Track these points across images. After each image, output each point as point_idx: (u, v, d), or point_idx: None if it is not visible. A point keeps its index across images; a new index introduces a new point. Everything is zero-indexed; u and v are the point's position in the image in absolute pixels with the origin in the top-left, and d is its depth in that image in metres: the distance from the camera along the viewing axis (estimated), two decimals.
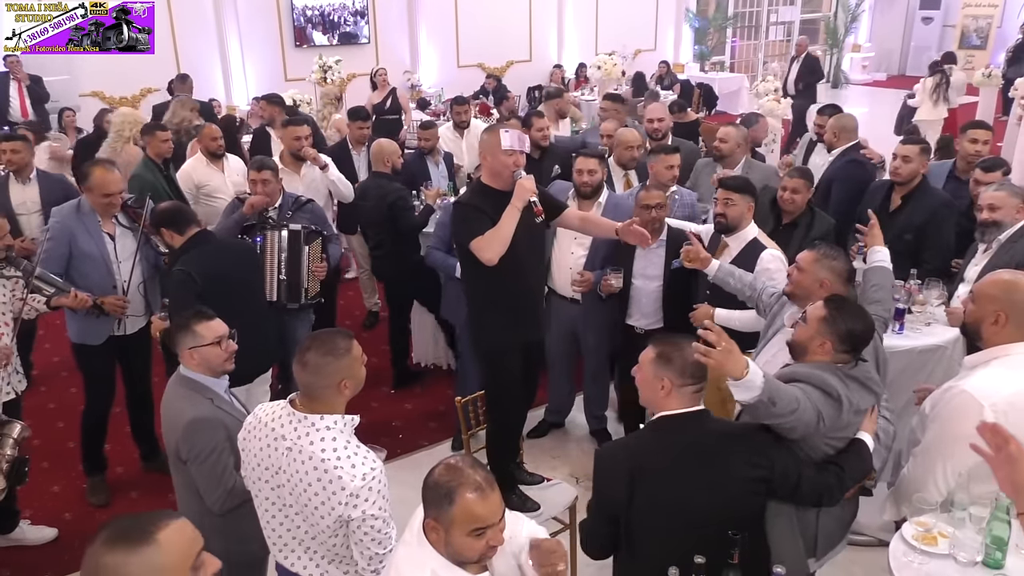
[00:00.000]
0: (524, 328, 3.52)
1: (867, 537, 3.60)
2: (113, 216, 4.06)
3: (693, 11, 15.89)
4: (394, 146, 5.35)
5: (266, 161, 4.60)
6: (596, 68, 11.54)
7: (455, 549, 1.92)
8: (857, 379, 2.56)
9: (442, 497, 1.91)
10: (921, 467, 2.63)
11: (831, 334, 2.55)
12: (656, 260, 4.12)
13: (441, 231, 4.65)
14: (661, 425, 2.40)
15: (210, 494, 2.74)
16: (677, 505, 2.32)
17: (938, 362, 3.76)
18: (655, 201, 4.03)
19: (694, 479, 2.33)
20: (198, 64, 10.76)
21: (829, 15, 18.14)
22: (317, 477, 2.22)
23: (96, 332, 4.07)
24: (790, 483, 2.41)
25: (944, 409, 2.58)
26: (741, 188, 3.83)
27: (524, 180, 3.30)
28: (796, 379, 2.50)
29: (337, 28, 12.03)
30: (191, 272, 3.61)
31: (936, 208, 4.37)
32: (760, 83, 10.41)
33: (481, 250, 3.25)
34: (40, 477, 4.44)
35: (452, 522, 1.90)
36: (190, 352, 2.81)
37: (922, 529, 2.46)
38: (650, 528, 2.35)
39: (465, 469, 1.94)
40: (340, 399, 2.32)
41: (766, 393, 2.28)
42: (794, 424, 2.38)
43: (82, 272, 3.94)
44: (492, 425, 3.68)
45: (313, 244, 4.47)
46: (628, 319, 4.24)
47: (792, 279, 3.10)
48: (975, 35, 17.08)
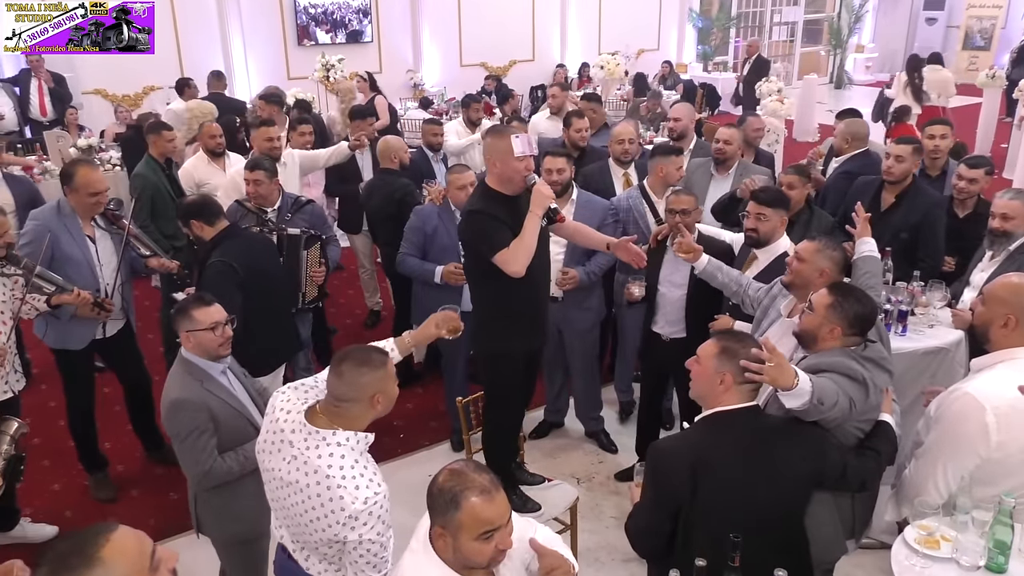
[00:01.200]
0: (530, 335, 3.52)
1: (870, 540, 3.58)
2: (92, 219, 4.02)
3: (696, 11, 15.88)
4: (400, 142, 5.34)
5: (260, 161, 4.55)
6: (599, 68, 11.53)
7: (464, 555, 1.89)
8: (873, 360, 2.63)
9: (448, 503, 1.87)
10: (922, 468, 2.63)
11: (840, 319, 2.61)
12: (683, 267, 3.96)
13: (413, 236, 4.52)
14: (718, 420, 2.39)
15: (189, 473, 2.85)
16: (736, 497, 2.32)
17: (940, 364, 3.74)
18: (682, 206, 3.93)
19: (752, 471, 2.33)
20: (201, 62, 10.75)
21: (833, 15, 18.12)
22: (318, 492, 2.17)
23: (78, 337, 4.03)
24: (838, 473, 2.46)
25: (947, 411, 2.58)
26: (774, 202, 3.70)
27: (542, 186, 3.28)
28: (821, 370, 2.54)
29: (341, 26, 12.03)
30: (231, 263, 3.64)
31: (929, 207, 4.37)
32: (763, 83, 10.39)
33: (508, 263, 3.21)
34: (40, 475, 4.45)
35: (460, 527, 1.87)
36: (187, 335, 2.86)
37: (924, 532, 2.45)
38: (711, 521, 2.33)
39: (469, 473, 1.91)
40: (369, 414, 2.28)
41: (815, 396, 2.34)
42: (836, 415, 2.44)
43: (65, 275, 3.85)
44: (488, 426, 3.68)
45: (312, 248, 4.44)
46: (653, 326, 4.16)
47: (792, 268, 3.11)
48: (979, 36, 17.06)
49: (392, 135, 5.53)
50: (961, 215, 4.49)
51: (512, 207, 3.29)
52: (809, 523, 2.48)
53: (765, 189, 3.93)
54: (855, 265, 3.43)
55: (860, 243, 3.49)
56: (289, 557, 2.42)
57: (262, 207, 4.47)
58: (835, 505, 2.63)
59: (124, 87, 10.44)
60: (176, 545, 3.23)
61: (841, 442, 2.54)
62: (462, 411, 3.75)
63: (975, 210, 4.43)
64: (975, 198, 4.47)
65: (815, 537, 2.49)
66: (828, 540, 2.57)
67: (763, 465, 2.34)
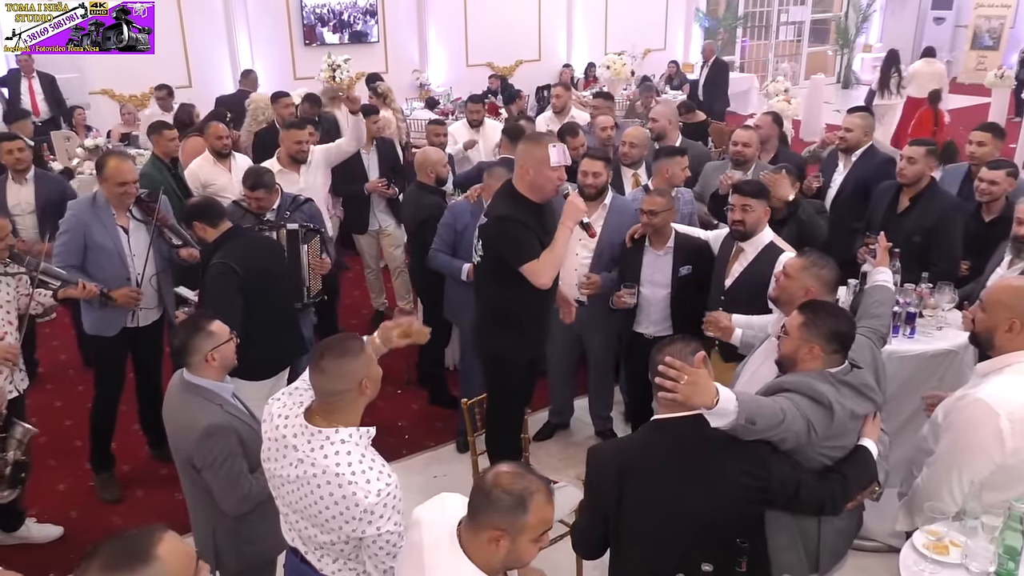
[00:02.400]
0: (533, 342, 3.54)
1: (876, 543, 3.56)
2: (127, 209, 4.10)
3: (703, 11, 15.83)
4: (440, 155, 5.22)
5: (261, 179, 4.42)
6: (605, 68, 11.51)
7: (516, 556, 1.91)
8: (850, 384, 2.52)
9: (515, 506, 1.87)
10: (935, 477, 2.59)
11: (816, 337, 2.52)
12: (663, 267, 4.04)
13: (445, 233, 4.58)
14: (658, 427, 2.38)
15: (226, 499, 2.73)
16: (666, 507, 2.29)
17: (949, 367, 3.72)
18: (651, 207, 3.94)
19: (685, 482, 2.30)
20: (207, 62, 10.79)
21: (840, 15, 18.04)
22: (330, 492, 2.16)
23: (110, 324, 4.11)
24: (788, 491, 2.37)
25: (958, 418, 2.55)
26: (757, 193, 3.74)
27: (575, 199, 3.29)
28: (783, 389, 2.47)
29: (348, 27, 12.03)
30: (231, 264, 3.63)
31: (945, 211, 4.33)
32: (770, 83, 10.35)
33: (536, 274, 3.21)
34: (46, 475, 4.46)
35: (524, 529, 1.88)
36: (211, 355, 2.78)
37: (933, 538, 2.43)
38: (638, 529, 2.32)
39: (530, 474, 1.93)
40: (361, 401, 2.28)
41: (743, 415, 2.24)
42: (783, 435, 2.34)
43: (97, 264, 4.00)
44: (490, 428, 3.69)
45: (312, 242, 4.45)
46: (636, 327, 4.17)
47: (779, 284, 3.05)
48: (987, 36, 16.98)
49: (432, 147, 5.47)
50: (987, 219, 4.42)
51: (539, 213, 3.30)
52: (771, 546, 2.44)
53: (747, 181, 3.96)
54: (866, 293, 3.32)
55: (875, 272, 3.40)
56: (302, 560, 2.40)
57: None
58: (799, 531, 2.52)
59: (131, 87, 10.45)
60: None
61: (797, 461, 2.43)
62: (467, 412, 3.74)
63: (1002, 214, 4.32)
64: (1002, 201, 4.37)
65: (776, 561, 2.45)
66: (790, 566, 2.49)
67: (698, 475, 2.30)
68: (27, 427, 3.32)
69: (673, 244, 4.05)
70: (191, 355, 2.78)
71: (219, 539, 2.85)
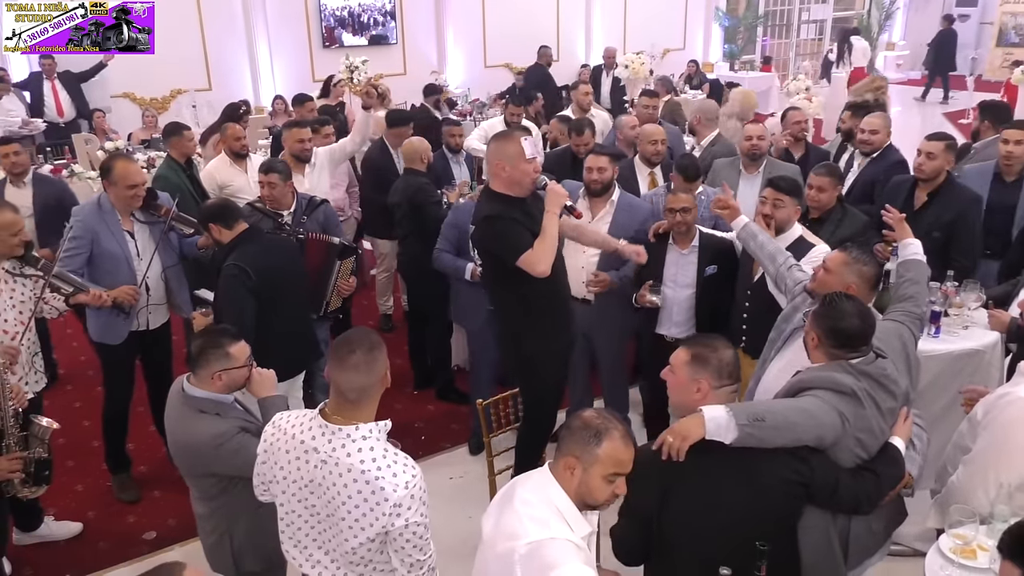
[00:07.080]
0: (562, 330, 3.54)
1: (902, 547, 3.48)
2: (131, 213, 4.04)
3: (723, 10, 15.72)
4: (425, 144, 5.29)
5: (275, 164, 4.51)
6: (624, 67, 11.43)
7: (588, 489, 2.04)
8: (870, 375, 2.47)
9: (591, 437, 2.03)
10: (971, 475, 2.52)
11: (817, 328, 2.52)
12: (688, 267, 3.97)
13: (449, 232, 4.54)
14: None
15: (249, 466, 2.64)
16: (712, 510, 2.25)
17: (976, 367, 3.64)
18: (680, 204, 3.90)
19: (731, 482, 2.27)
20: (227, 65, 10.85)
21: (863, 13, 17.86)
22: (358, 490, 2.15)
23: (115, 332, 4.06)
24: (828, 489, 2.35)
25: (999, 416, 2.48)
26: (791, 190, 3.67)
27: (555, 186, 3.32)
28: (804, 386, 2.44)
29: (367, 29, 12.06)
30: (244, 267, 3.61)
31: (965, 206, 4.25)
32: (791, 82, 10.25)
33: (534, 264, 3.23)
34: (64, 475, 4.47)
35: (595, 461, 2.02)
36: (219, 374, 2.76)
37: (960, 542, 2.36)
38: (683, 534, 2.27)
39: (613, 418, 2.10)
40: (379, 393, 2.28)
41: (743, 416, 2.23)
42: (819, 432, 2.32)
43: (105, 270, 3.93)
44: (528, 426, 3.67)
45: (346, 260, 4.44)
46: (658, 328, 4.10)
47: (818, 279, 2.98)
48: (1014, 32, 16.73)
49: (416, 136, 5.49)
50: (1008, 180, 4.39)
51: (524, 208, 3.31)
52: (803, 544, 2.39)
53: (784, 177, 3.88)
54: (897, 270, 3.23)
55: (904, 245, 3.30)
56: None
57: (277, 211, 4.45)
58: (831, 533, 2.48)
59: (152, 90, 10.53)
60: (196, 548, 3.20)
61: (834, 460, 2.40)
62: (482, 413, 3.70)
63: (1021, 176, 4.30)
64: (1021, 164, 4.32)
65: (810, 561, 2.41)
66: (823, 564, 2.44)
67: (744, 473, 2.26)
68: (44, 424, 3.31)
69: (698, 244, 3.98)
70: (201, 367, 2.77)
71: (236, 543, 2.85)
